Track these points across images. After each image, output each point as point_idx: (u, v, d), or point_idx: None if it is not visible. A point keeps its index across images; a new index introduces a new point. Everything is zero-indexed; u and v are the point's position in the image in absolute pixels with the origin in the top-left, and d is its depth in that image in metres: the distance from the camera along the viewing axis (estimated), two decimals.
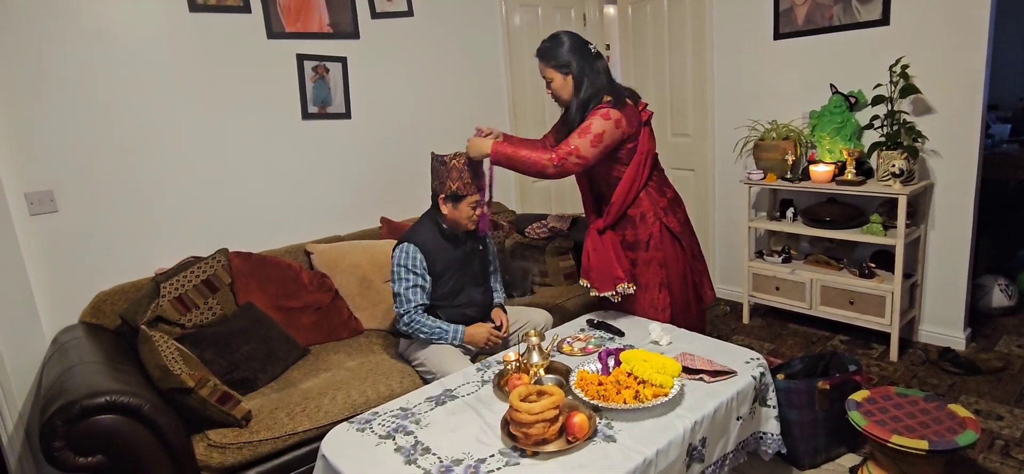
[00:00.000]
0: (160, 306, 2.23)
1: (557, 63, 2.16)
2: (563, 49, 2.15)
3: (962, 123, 2.78)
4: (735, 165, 3.59)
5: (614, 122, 2.09)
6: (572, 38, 2.17)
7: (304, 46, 2.87)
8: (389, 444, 1.59)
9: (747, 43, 3.44)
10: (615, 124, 2.09)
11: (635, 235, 2.25)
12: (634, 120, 2.16)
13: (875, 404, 1.95)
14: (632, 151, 2.18)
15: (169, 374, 1.80)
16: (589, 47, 2.18)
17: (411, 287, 2.20)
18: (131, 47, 2.43)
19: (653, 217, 2.22)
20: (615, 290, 2.22)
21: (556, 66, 2.16)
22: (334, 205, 3.06)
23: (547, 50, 2.18)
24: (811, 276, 3.15)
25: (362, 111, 3.11)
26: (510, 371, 1.84)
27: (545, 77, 2.22)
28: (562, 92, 2.20)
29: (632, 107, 2.17)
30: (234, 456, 1.86)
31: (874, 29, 2.96)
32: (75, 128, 2.33)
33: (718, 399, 1.70)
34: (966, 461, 2.17)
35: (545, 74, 2.21)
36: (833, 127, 3.06)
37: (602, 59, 2.19)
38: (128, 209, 2.48)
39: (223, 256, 2.48)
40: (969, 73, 2.71)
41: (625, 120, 2.11)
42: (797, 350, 3.13)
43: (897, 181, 2.76)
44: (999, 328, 3.19)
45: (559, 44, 2.16)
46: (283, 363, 2.33)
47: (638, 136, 2.18)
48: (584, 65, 2.14)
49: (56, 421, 1.55)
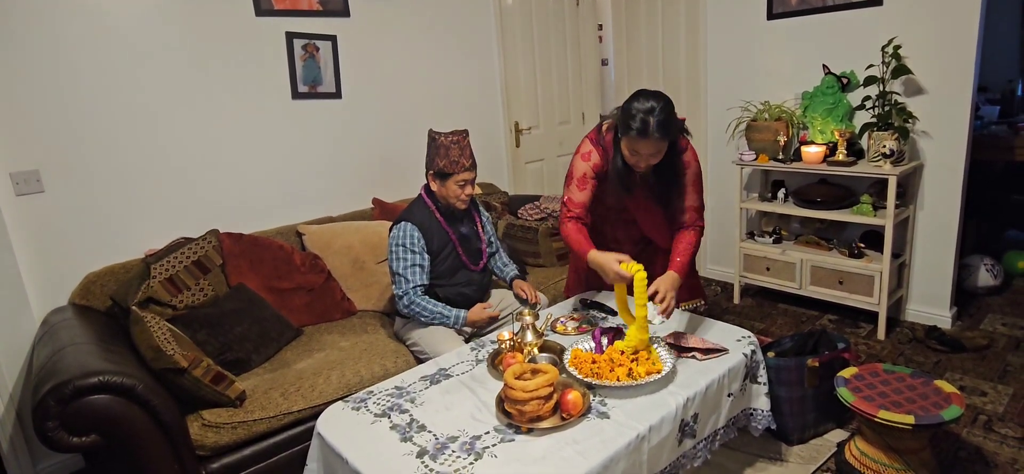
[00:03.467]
0: (151, 287, 2.21)
1: (676, 133, 1.92)
2: (676, 116, 1.90)
3: (952, 104, 2.80)
4: (727, 146, 3.60)
5: (580, 155, 2.08)
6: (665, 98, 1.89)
7: (293, 24, 2.83)
8: (384, 422, 1.60)
9: (740, 23, 3.43)
10: (581, 157, 2.07)
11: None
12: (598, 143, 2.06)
13: (863, 381, 1.99)
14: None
15: (162, 355, 1.80)
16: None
17: (410, 267, 2.20)
18: (118, 24, 2.38)
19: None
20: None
21: (675, 136, 1.92)
22: (326, 186, 3.04)
23: (667, 123, 1.82)
24: (801, 256, 3.18)
25: (353, 91, 3.08)
26: (504, 350, 1.85)
27: (659, 150, 1.89)
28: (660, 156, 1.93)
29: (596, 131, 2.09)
30: (229, 436, 1.86)
31: (867, 9, 2.96)
32: (61, 107, 2.29)
33: (710, 376, 1.72)
34: (950, 436, 2.22)
35: (661, 148, 1.89)
36: (825, 108, 3.07)
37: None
38: (116, 189, 2.45)
39: (214, 237, 2.46)
40: (960, 55, 2.72)
41: (589, 145, 2.07)
42: (787, 329, 3.17)
43: (887, 162, 2.78)
44: (984, 307, 3.24)
45: (673, 110, 1.86)
46: (276, 344, 2.32)
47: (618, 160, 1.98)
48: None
49: (49, 401, 1.54)
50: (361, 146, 3.15)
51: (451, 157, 2.16)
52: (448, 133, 2.19)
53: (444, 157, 2.17)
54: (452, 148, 2.16)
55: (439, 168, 2.18)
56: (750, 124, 3.30)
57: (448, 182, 2.20)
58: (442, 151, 2.18)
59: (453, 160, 2.17)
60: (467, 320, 2.23)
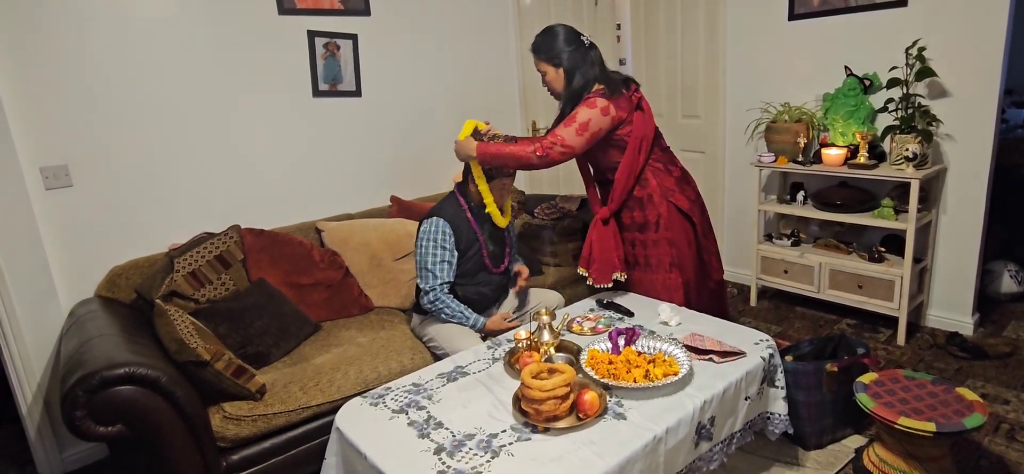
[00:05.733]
0: (174, 281, 2.26)
1: (549, 56, 2.19)
2: (557, 42, 2.17)
3: (978, 107, 2.75)
4: (746, 148, 3.57)
5: (600, 110, 2.11)
6: (565, 31, 2.19)
7: (315, 23, 2.86)
8: (402, 418, 1.62)
9: (761, 24, 3.40)
10: (602, 112, 2.12)
11: (644, 216, 2.27)
12: (626, 105, 2.17)
13: (883, 386, 1.97)
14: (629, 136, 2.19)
15: (185, 347, 1.83)
16: (582, 39, 2.20)
17: (439, 262, 2.21)
18: (145, 23, 2.43)
19: (660, 197, 2.23)
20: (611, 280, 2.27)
21: (548, 59, 2.19)
22: (344, 183, 3.07)
23: (540, 44, 2.21)
24: (820, 259, 3.15)
25: (373, 89, 3.10)
26: (521, 349, 1.86)
27: (539, 71, 2.25)
28: (556, 85, 2.22)
29: (626, 94, 2.18)
30: (249, 428, 1.90)
31: (891, 10, 2.92)
32: (89, 103, 2.34)
33: (727, 379, 1.72)
34: (972, 444, 2.18)
35: (539, 68, 2.24)
36: (846, 110, 3.03)
37: (595, 50, 2.20)
38: (141, 184, 2.50)
39: (235, 232, 2.50)
40: (987, 56, 2.68)
41: (614, 107, 2.13)
42: (804, 333, 3.14)
43: (910, 165, 2.74)
44: (1007, 314, 3.18)
45: (553, 37, 2.18)
46: (296, 338, 2.36)
47: (631, 121, 2.18)
48: (577, 57, 2.16)
49: (77, 391, 1.58)
50: (380, 144, 3.18)
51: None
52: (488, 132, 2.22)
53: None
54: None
55: (485, 169, 2.21)
56: (769, 125, 3.27)
57: (491, 183, 2.22)
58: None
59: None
60: (486, 328, 2.24)
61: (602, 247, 2.28)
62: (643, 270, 2.33)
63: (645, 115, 2.23)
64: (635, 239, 2.32)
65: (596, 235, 2.30)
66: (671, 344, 1.85)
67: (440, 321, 2.26)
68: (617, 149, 2.22)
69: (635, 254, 2.34)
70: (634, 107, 2.21)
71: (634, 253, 2.34)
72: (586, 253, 2.32)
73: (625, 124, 2.18)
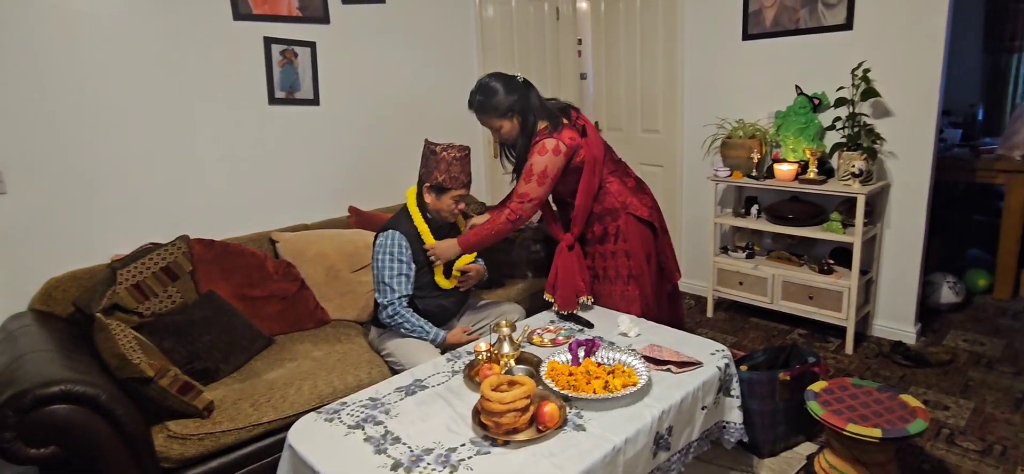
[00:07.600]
0: (116, 293, 2.15)
1: (499, 112, 2.16)
2: (499, 96, 2.15)
3: (918, 127, 2.89)
4: (703, 162, 3.66)
5: (552, 151, 2.14)
6: (501, 80, 2.17)
7: (272, 29, 2.80)
8: (358, 434, 1.58)
9: (717, 43, 3.50)
10: (554, 152, 2.14)
11: (603, 228, 2.30)
12: (574, 135, 2.19)
13: (832, 394, 2.03)
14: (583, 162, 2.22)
15: (127, 363, 1.74)
16: (516, 79, 2.19)
17: (396, 276, 2.17)
18: (90, 23, 2.32)
19: (620, 208, 2.25)
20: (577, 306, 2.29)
21: (498, 114, 2.17)
22: (301, 193, 3.00)
23: (484, 103, 2.16)
24: (773, 272, 3.24)
25: (331, 98, 3.05)
26: (481, 361, 1.84)
27: (490, 127, 2.22)
28: (512, 134, 2.21)
29: (568, 124, 2.20)
30: (195, 447, 1.81)
31: (838, 33, 3.05)
32: (26, 106, 2.22)
33: (684, 389, 1.74)
34: (915, 449, 2.27)
35: (489, 124, 2.20)
36: (797, 127, 3.14)
37: (530, 85, 2.21)
38: (83, 192, 2.37)
39: (184, 243, 2.40)
40: (926, 79, 2.82)
41: (564, 142, 2.15)
42: (759, 343, 3.22)
43: (856, 181, 2.86)
44: (946, 323, 3.34)
45: (493, 92, 2.15)
46: (246, 353, 2.27)
47: (581, 144, 2.20)
48: (522, 101, 2.17)
49: (7, 411, 1.48)
50: (338, 154, 3.12)
51: (453, 173, 2.16)
52: (448, 146, 2.17)
53: (445, 172, 2.15)
54: (454, 164, 2.15)
55: (438, 182, 2.16)
56: (725, 141, 3.36)
57: (444, 196, 2.19)
58: (443, 166, 2.15)
59: (454, 176, 2.16)
60: (447, 342, 2.21)
61: (566, 274, 2.28)
62: (601, 282, 2.35)
63: (591, 138, 2.24)
64: (595, 251, 2.34)
65: (562, 262, 2.30)
66: (630, 355, 1.86)
67: (399, 335, 2.22)
68: (573, 175, 2.25)
69: (594, 266, 2.36)
70: (581, 132, 2.22)
71: (593, 265, 2.36)
72: (552, 279, 2.34)
73: (579, 150, 2.20)
